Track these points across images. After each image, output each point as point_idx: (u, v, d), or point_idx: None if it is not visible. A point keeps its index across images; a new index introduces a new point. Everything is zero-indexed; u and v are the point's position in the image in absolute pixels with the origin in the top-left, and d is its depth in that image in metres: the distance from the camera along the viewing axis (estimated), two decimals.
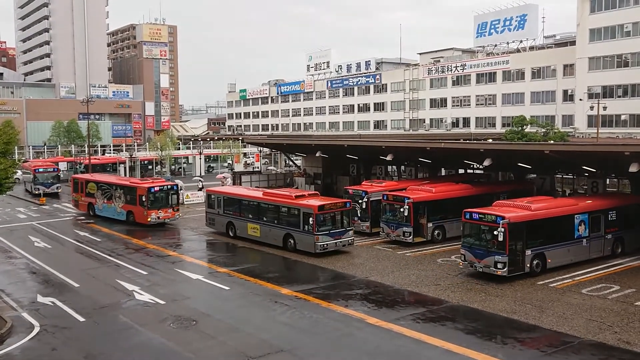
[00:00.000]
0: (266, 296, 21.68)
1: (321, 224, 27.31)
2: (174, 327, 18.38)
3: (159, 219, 36.56)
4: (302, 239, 27.82)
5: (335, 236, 27.72)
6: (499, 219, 22.52)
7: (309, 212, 27.29)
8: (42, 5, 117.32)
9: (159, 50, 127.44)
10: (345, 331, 17.92)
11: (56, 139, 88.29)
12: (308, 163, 52.53)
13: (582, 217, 25.22)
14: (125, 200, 37.99)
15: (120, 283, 23.51)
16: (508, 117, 73.18)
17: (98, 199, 40.43)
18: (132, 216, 37.48)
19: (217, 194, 34.31)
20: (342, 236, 27.98)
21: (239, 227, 32.14)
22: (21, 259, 28.66)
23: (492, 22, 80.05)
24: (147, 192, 36.12)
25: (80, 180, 42.80)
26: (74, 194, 43.32)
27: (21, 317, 19.41)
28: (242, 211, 32.10)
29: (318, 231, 27.15)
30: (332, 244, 27.58)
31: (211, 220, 34.33)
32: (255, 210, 31.18)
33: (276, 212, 29.72)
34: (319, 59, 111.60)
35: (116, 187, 39.19)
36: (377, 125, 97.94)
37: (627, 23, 60.79)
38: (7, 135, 21.43)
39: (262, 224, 30.49)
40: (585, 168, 31.45)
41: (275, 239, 29.56)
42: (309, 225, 27.28)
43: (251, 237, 31.18)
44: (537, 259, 23.68)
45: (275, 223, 29.65)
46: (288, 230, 28.75)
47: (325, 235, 27.37)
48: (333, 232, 27.67)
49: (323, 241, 27.27)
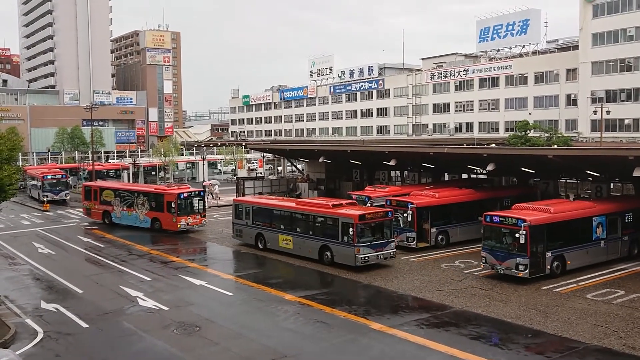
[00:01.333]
0: (271, 302, 21.65)
1: (362, 235, 25.33)
2: (178, 333, 18.36)
3: (188, 225, 36.09)
4: (341, 251, 25.85)
5: (377, 248, 25.62)
6: (520, 222, 22.91)
7: (349, 222, 25.31)
8: (46, 12, 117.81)
9: (162, 56, 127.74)
10: (349, 337, 17.87)
11: (60, 146, 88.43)
12: (311, 168, 52.55)
13: (600, 219, 25.62)
14: (150, 207, 37.20)
15: (123, 289, 23.50)
16: (511, 121, 73.05)
17: (116, 207, 39.39)
18: (157, 223, 36.72)
19: (245, 204, 32.56)
20: (384, 248, 25.87)
21: (269, 238, 30.26)
22: (25, 265, 28.68)
23: (494, 27, 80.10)
24: (176, 199, 35.64)
25: (94, 187, 41.74)
26: (85, 202, 42.01)
27: (25, 324, 19.42)
28: (272, 222, 30.20)
29: (359, 242, 25.17)
30: (373, 257, 25.52)
31: (238, 231, 32.41)
32: (288, 221, 29.29)
33: (311, 222, 27.78)
34: (321, 64, 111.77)
35: (138, 194, 38.40)
36: (380, 131, 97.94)
37: (630, 27, 60.79)
38: (11, 141, 21.47)
39: (295, 236, 28.51)
40: (589, 172, 31.38)
41: (309, 251, 27.60)
42: (349, 236, 25.25)
43: (283, 249, 29.31)
44: (557, 261, 24.04)
45: (310, 234, 27.69)
46: (325, 241, 26.81)
47: (367, 247, 25.33)
48: (375, 244, 25.61)
49: (364, 253, 25.20)
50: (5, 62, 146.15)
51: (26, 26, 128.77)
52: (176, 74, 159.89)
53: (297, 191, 51.88)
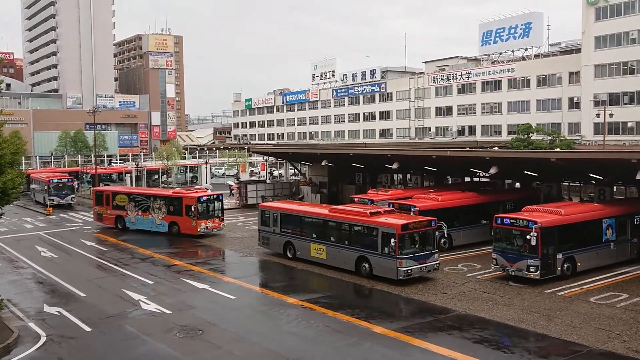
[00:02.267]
0: (273, 306, 21.63)
1: (405, 246, 23.67)
2: (180, 337, 18.35)
3: (208, 229, 35.85)
4: (381, 263, 24.15)
5: (420, 260, 23.96)
6: (531, 224, 23.10)
7: (391, 232, 23.56)
8: (50, 16, 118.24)
9: (165, 60, 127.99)
10: (352, 340, 17.85)
11: (63, 149, 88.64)
12: (314, 172, 52.57)
13: (610, 221, 25.82)
14: (167, 211, 36.91)
15: (126, 292, 23.50)
16: (514, 125, 73.01)
17: (130, 212, 38.88)
18: (176, 227, 36.43)
19: (272, 210, 30.60)
20: (427, 260, 24.20)
21: (299, 247, 28.54)
22: (28, 268, 28.71)
23: (497, 30, 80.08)
24: (196, 202, 35.37)
25: (106, 192, 41.11)
26: (96, 207, 41.28)
27: (28, 327, 19.42)
28: (303, 230, 28.51)
29: (401, 254, 23.49)
30: (416, 269, 23.85)
31: (265, 239, 30.66)
32: (320, 229, 27.56)
33: (347, 231, 26.06)
34: (324, 68, 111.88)
35: (155, 198, 37.99)
36: (382, 134, 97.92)
37: (633, 30, 60.72)
38: (14, 145, 21.44)
39: (329, 245, 26.74)
40: (592, 175, 31.33)
41: (345, 262, 25.87)
42: (390, 247, 23.55)
43: (315, 259, 27.56)
44: (568, 263, 24.23)
45: (346, 244, 25.92)
46: (362, 252, 25.06)
47: (410, 259, 23.68)
48: (418, 256, 23.97)
49: (407, 266, 23.52)
50: (8, 66, 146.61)
51: (29, 30, 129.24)
52: (179, 77, 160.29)
53: (299, 194, 51.91)
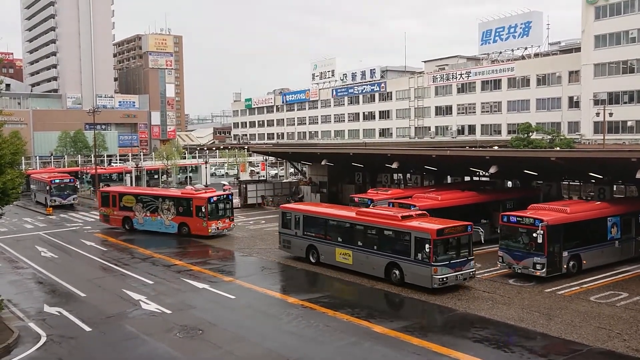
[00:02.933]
0: (272, 305, 21.64)
1: (440, 253, 22.30)
2: (180, 337, 18.35)
3: (218, 229, 35.48)
4: (413, 271, 22.77)
5: (456, 267, 22.59)
6: (538, 222, 23.26)
7: (425, 238, 22.21)
8: (49, 17, 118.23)
9: (165, 60, 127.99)
10: (352, 340, 17.85)
11: (63, 149, 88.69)
12: (314, 171, 52.59)
13: (615, 219, 26.02)
14: (177, 212, 36.46)
15: (126, 292, 23.50)
16: (514, 124, 72.98)
17: (137, 213, 38.31)
18: (186, 228, 36.01)
19: (294, 211, 29.17)
20: (464, 267, 22.82)
21: (323, 252, 27.08)
22: (28, 269, 28.72)
23: (496, 30, 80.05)
24: (206, 203, 35.00)
25: (112, 193, 40.39)
26: (102, 208, 40.63)
27: (28, 327, 19.43)
28: (327, 233, 27.01)
29: (436, 261, 22.09)
30: (452, 277, 22.46)
31: (286, 242, 29.28)
32: (347, 233, 26.03)
33: (376, 235, 24.59)
34: (323, 67, 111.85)
35: (164, 198, 37.49)
36: (382, 133, 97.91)
37: (633, 29, 60.66)
38: (14, 145, 21.44)
39: (356, 250, 25.31)
40: (592, 175, 31.34)
41: (374, 268, 24.50)
42: (425, 254, 22.20)
43: (340, 264, 26.15)
44: (573, 260, 24.39)
45: (375, 249, 24.44)
46: (393, 258, 23.67)
47: (445, 267, 22.29)
48: (454, 263, 22.59)
49: (443, 274, 22.13)
50: (8, 67, 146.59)
51: (29, 30, 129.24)
52: (178, 77, 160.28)
53: (299, 194, 51.94)
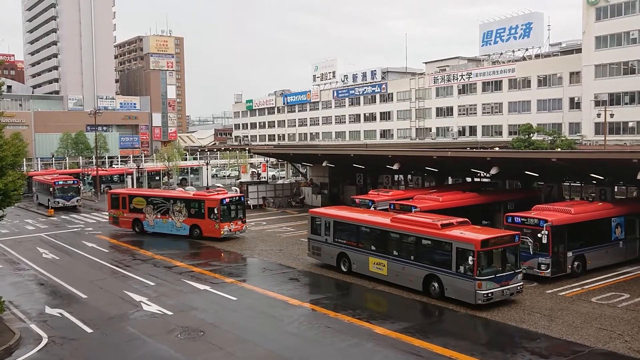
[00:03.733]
0: (273, 307, 21.64)
1: (485, 265, 20.49)
2: (182, 338, 18.36)
3: (231, 231, 35.01)
4: (455, 284, 20.91)
5: (502, 281, 20.65)
6: (542, 222, 23.33)
7: (468, 249, 20.37)
8: (50, 18, 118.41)
9: (166, 61, 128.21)
10: (354, 341, 17.86)
11: (64, 151, 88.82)
12: (315, 173, 52.61)
13: (619, 220, 26.10)
14: (188, 214, 35.95)
15: (127, 294, 23.51)
16: (515, 125, 73.04)
17: (148, 215, 37.66)
18: (197, 230, 35.47)
19: (324, 217, 27.45)
20: (510, 281, 20.89)
21: (355, 260, 25.40)
22: (29, 270, 28.73)
23: (497, 31, 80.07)
24: (219, 205, 34.54)
25: (122, 195, 39.77)
26: (112, 210, 39.78)
27: (29, 329, 19.44)
28: (360, 240, 25.36)
29: (480, 274, 20.22)
30: (498, 293, 20.46)
31: (316, 249, 27.58)
32: (381, 241, 24.40)
33: (413, 244, 22.94)
34: (324, 68, 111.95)
35: (175, 200, 36.85)
36: (383, 135, 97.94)
37: (634, 30, 60.67)
38: (15, 147, 21.47)
39: (391, 260, 23.60)
40: (593, 175, 31.34)
41: (411, 280, 22.77)
42: (467, 266, 20.34)
43: (374, 274, 24.48)
44: (578, 261, 24.45)
45: (412, 259, 22.73)
46: (431, 270, 21.86)
47: (490, 281, 20.37)
48: (499, 277, 20.62)
49: (487, 289, 20.18)
50: (9, 68, 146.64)
51: (30, 32, 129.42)
52: (180, 79, 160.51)
53: (300, 195, 51.96)
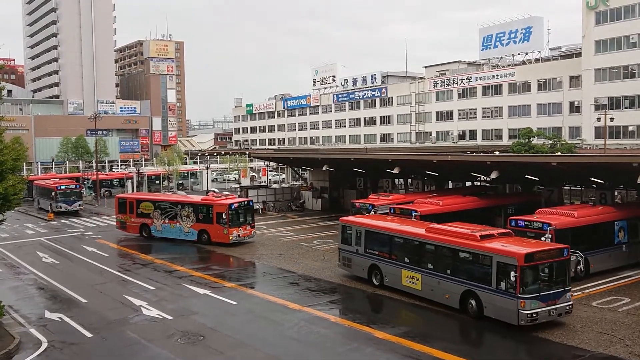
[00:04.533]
0: (273, 311, 21.61)
1: (529, 282, 18.46)
2: (181, 343, 18.33)
3: (239, 237, 34.43)
4: (495, 302, 18.94)
5: (549, 300, 18.54)
6: (546, 226, 23.24)
7: (511, 263, 18.43)
8: (51, 23, 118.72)
9: (166, 66, 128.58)
10: (354, 345, 17.82)
11: (64, 155, 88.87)
12: (315, 177, 52.60)
13: (622, 223, 26.05)
14: (197, 219, 35.43)
15: (127, 298, 23.50)
16: (515, 129, 73.07)
17: (156, 219, 37.20)
18: (205, 235, 34.93)
19: (355, 225, 25.85)
20: (558, 300, 18.76)
21: (387, 273, 23.70)
22: (29, 274, 28.70)
23: (497, 35, 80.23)
24: (227, 209, 34.01)
25: (129, 199, 39.38)
26: (119, 215, 39.40)
27: (29, 333, 19.42)
28: (393, 251, 23.66)
29: (524, 292, 18.23)
30: (544, 313, 18.41)
31: (346, 260, 26.03)
32: (415, 252, 22.56)
33: (449, 257, 20.94)
34: (324, 73, 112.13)
35: (183, 205, 36.33)
36: (383, 139, 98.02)
37: (633, 34, 60.79)
38: (15, 151, 21.48)
39: (426, 273, 21.79)
40: (593, 180, 31.33)
41: (446, 296, 20.88)
42: (509, 283, 18.43)
43: (407, 289, 22.72)
44: (581, 265, 24.15)
45: (448, 273, 20.82)
46: (469, 286, 19.95)
47: (535, 300, 18.30)
48: (545, 295, 18.57)
49: (531, 308, 18.14)
50: (10, 73, 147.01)
51: (31, 37, 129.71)
52: (180, 83, 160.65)
53: (300, 199, 51.94)
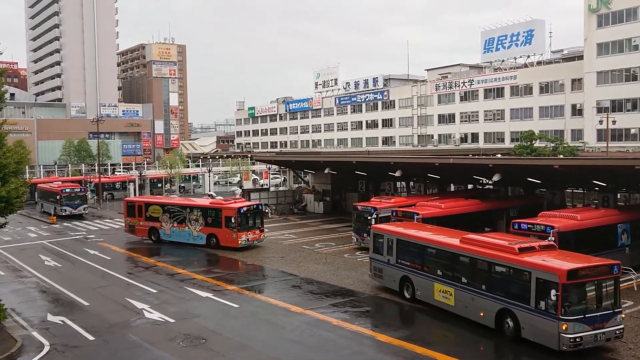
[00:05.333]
0: (275, 314, 21.60)
1: (572, 302, 16.57)
2: (183, 345, 18.32)
3: (249, 241, 34.17)
4: (534, 323, 17.07)
5: (596, 323, 16.51)
6: (549, 229, 23.21)
7: (552, 280, 16.60)
8: (53, 26, 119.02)
9: (168, 69, 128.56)
10: (356, 349, 17.80)
11: (67, 158, 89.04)
12: (317, 180, 52.61)
13: (625, 226, 26.01)
14: (205, 223, 35.17)
15: (129, 301, 23.51)
16: (517, 132, 73.04)
17: (164, 223, 36.99)
18: (214, 239, 34.68)
19: (387, 233, 24.37)
20: (606, 323, 16.66)
21: (419, 286, 22.15)
22: (31, 277, 28.74)
23: (499, 38, 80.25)
24: (236, 213, 33.66)
25: (138, 203, 39.21)
26: (128, 218, 39.21)
27: (31, 336, 19.43)
28: (425, 263, 22.03)
29: (566, 313, 16.36)
30: (589, 338, 16.37)
31: (377, 271, 24.61)
32: (448, 264, 20.92)
33: (485, 271, 19.21)
34: (326, 76, 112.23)
35: (191, 209, 36.07)
36: (385, 142, 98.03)
37: (635, 37, 60.79)
38: (18, 155, 21.54)
39: (459, 288, 20.11)
40: (596, 182, 31.29)
41: (481, 314, 19.09)
42: (550, 302, 16.54)
43: (439, 304, 21.12)
44: None
45: (483, 289, 19.08)
46: (506, 304, 18.13)
47: (579, 322, 16.35)
48: (591, 317, 16.53)
49: (575, 332, 16.24)
50: (12, 76, 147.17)
51: (33, 40, 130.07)
52: (182, 86, 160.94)
53: (302, 202, 51.94)
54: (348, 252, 32.90)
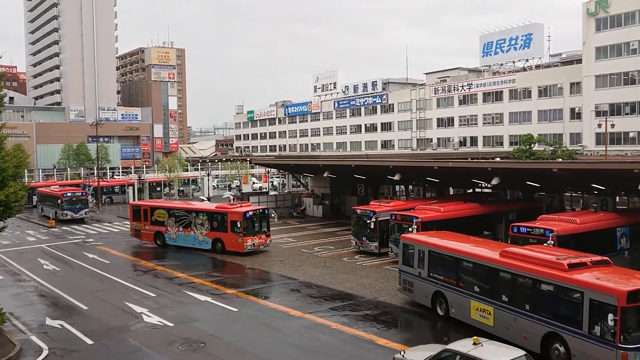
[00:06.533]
0: (274, 318, 21.58)
1: (633, 328, 14.58)
2: (182, 350, 18.30)
3: (255, 245, 33.80)
4: (587, 351, 15.16)
5: None
6: (548, 232, 23.18)
7: (608, 303, 14.63)
8: (53, 30, 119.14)
9: (167, 73, 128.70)
10: (355, 353, 17.77)
11: (65, 162, 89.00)
12: (316, 183, 52.63)
13: (624, 229, 25.95)
14: (211, 227, 34.84)
15: (128, 305, 23.48)
16: (515, 135, 73.14)
17: (170, 227, 36.71)
18: (220, 244, 34.33)
19: (418, 244, 22.46)
20: None
21: (454, 303, 20.18)
22: (30, 281, 28.69)
23: (497, 42, 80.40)
24: (242, 218, 33.34)
25: (144, 207, 38.83)
26: (134, 222, 38.95)
27: (30, 340, 19.39)
28: (460, 277, 20.04)
29: (626, 341, 14.33)
30: None
31: (407, 284, 22.75)
32: (486, 280, 18.91)
33: (529, 289, 17.26)
34: (325, 79, 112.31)
35: (197, 213, 35.71)
36: (384, 145, 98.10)
37: (633, 41, 60.91)
38: (17, 158, 21.55)
39: (499, 307, 18.09)
40: (594, 186, 31.32)
41: (525, 336, 17.00)
42: (606, 327, 14.62)
43: (476, 323, 19.02)
44: None
45: (527, 309, 17.12)
46: (554, 327, 16.22)
47: None
48: None
49: None
50: (11, 80, 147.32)
51: (32, 44, 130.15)
52: (181, 90, 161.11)
53: (301, 206, 51.93)
54: (347, 255, 32.88)
